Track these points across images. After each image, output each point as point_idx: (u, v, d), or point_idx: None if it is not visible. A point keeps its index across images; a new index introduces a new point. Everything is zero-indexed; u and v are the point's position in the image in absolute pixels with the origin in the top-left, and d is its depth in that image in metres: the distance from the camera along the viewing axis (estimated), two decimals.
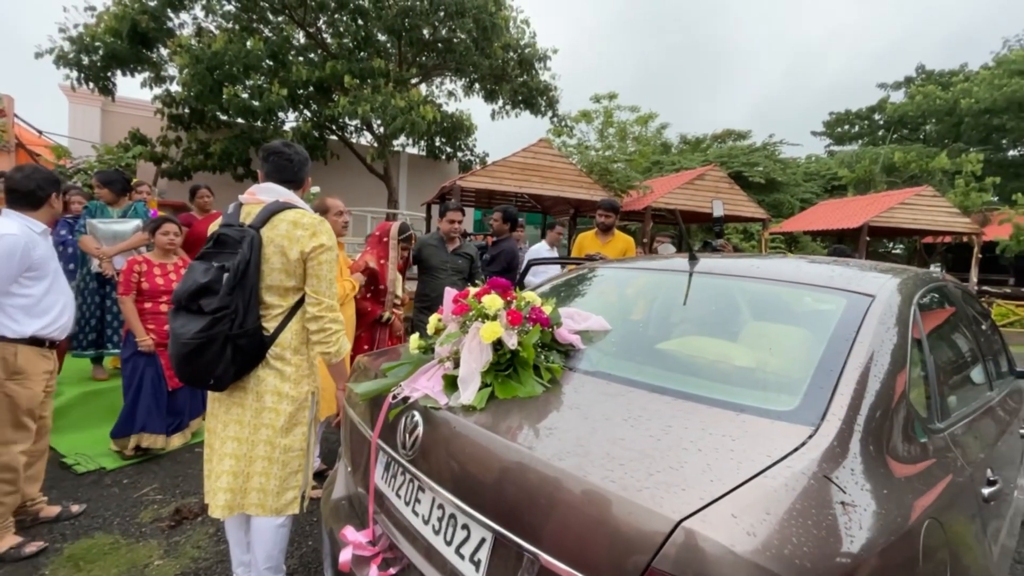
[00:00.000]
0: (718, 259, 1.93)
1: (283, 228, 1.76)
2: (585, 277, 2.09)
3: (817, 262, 1.94)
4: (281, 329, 1.80)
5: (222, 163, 11.51)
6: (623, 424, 1.07)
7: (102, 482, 2.99)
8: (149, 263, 3.27)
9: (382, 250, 3.36)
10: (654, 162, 20.09)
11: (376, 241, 3.40)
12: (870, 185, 17.73)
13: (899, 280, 1.59)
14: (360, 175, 13.51)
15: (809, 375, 1.19)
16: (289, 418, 1.80)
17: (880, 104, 25.51)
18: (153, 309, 3.24)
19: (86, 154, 9.86)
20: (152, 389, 3.22)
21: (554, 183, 10.34)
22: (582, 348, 1.46)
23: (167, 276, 3.30)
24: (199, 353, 1.65)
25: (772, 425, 1.05)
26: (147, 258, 3.30)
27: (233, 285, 1.68)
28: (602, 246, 4.24)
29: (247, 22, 11.27)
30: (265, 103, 10.07)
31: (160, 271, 3.29)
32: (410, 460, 1.21)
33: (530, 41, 12.74)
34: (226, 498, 1.82)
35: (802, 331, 1.44)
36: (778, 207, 18.22)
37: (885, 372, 1.22)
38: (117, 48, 9.94)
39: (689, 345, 1.50)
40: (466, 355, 1.29)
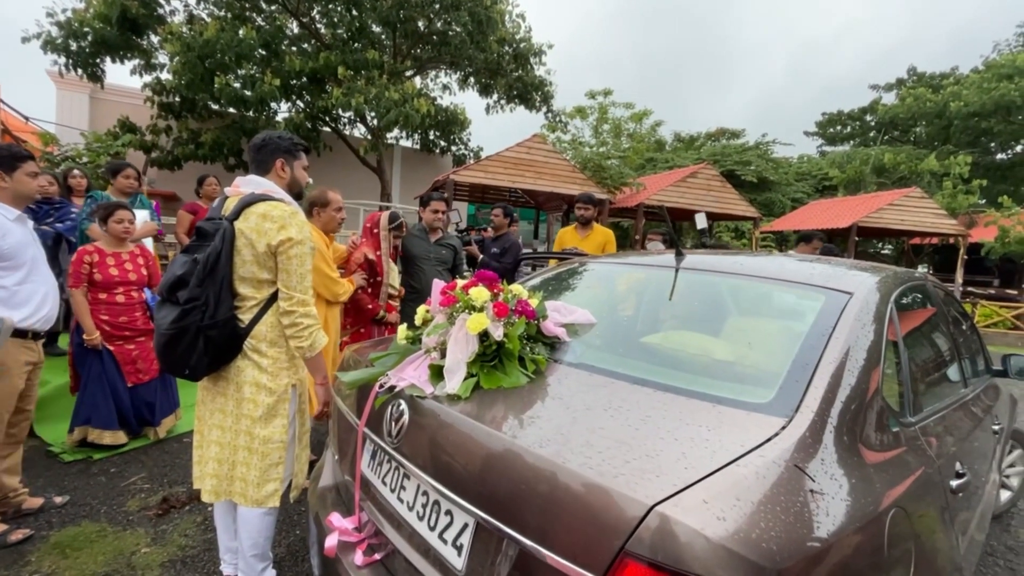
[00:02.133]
0: (703, 256, 1.96)
1: (253, 220, 1.76)
2: (574, 272, 2.12)
3: (800, 260, 1.98)
4: (256, 321, 1.81)
5: (213, 153, 11.40)
6: (603, 414, 1.10)
7: (89, 471, 2.99)
8: (101, 253, 3.11)
9: (374, 241, 3.36)
10: (648, 159, 20.17)
11: (367, 232, 3.40)
12: (860, 186, 17.92)
13: (878, 278, 1.63)
14: (353, 167, 13.44)
15: (785, 369, 1.22)
16: (268, 409, 1.81)
17: (872, 105, 25.74)
18: (108, 300, 3.12)
19: (74, 141, 9.73)
20: (98, 382, 3.13)
21: (548, 179, 10.36)
22: (567, 341, 1.49)
23: (121, 266, 3.16)
24: (174, 343, 1.70)
25: (747, 416, 1.08)
26: (98, 247, 3.12)
27: (203, 277, 1.70)
28: (581, 240, 4.29)
29: (240, 10, 11.13)
30: (257, 93, 9.98)
31: (114, 260, 3.14)
32: (395, 448, 1.23)
33: (525, 36, 12.71)
34: (213, 483, 1.85)
35: (781, 326, 1.48)
36: (769, 206, 18.36)
37: (859, 367, 1.26)
38: (106, 34, 9.80)
39: (672, 339, 1.53)
40: (452, 346, 1.31)
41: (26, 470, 2.67)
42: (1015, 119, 19.45)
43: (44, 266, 2.39)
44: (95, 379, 3.14)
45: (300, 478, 1.97)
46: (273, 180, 1.93)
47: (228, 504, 1.94)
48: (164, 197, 11.67)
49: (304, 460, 2.01)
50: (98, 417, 3.14)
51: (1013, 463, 3.19)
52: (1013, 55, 20.00)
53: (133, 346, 3.23)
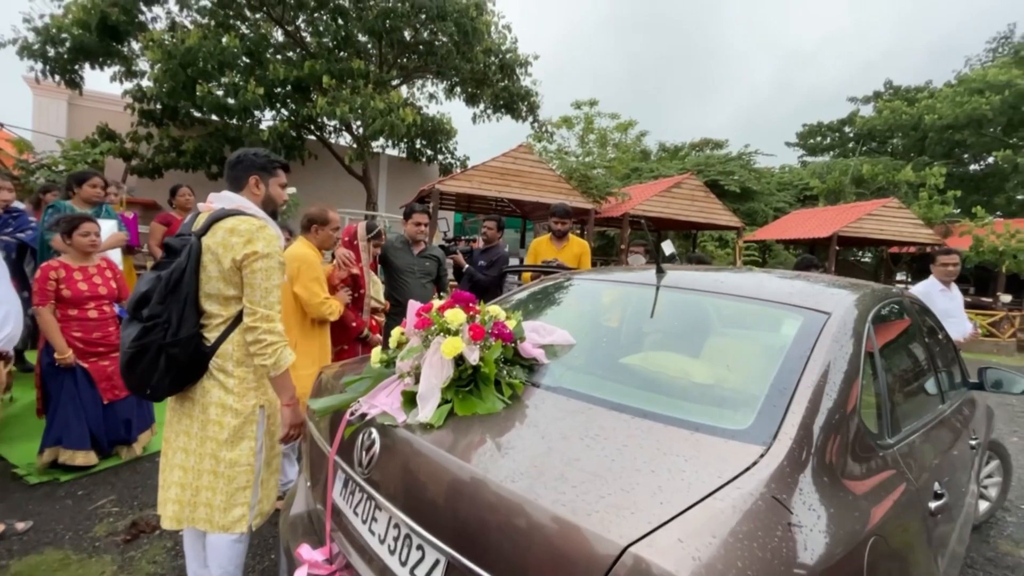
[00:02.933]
0: (684, 273, 1.95)
1: (220, 235, 1.72)
2: (554, 288, 2.10)
3: (780, 277, 1.98)
4: (222, 340, 1.76)
5: (195, 161, 11.24)
6: (579, 444, 1.07)
7: (55, 494, 2.87)
8: (67, 268, 2.99)
9: (354, 253, 3.25)
10: (633, 169, 20.37)
11: (347, 245, 3.26)
12: (840, 196, 18.29)
13: (855, 297, 1.64)
14: (338, 176, 13.36)
15: (763, 393, 1.21)
16: (233, 432, 1.75)
17: (850, 117, 26.36)
18: (80, 316, 3.01)
19: (50, 149, 9.52)
20: (71, 403, 3.01)
21: (533, 188, 10.39)
22: (545, 363, 1.46)
23: (90, 280, 3.05)
24: (135, 362, 1.66)
25: (725, 444, 1.06)
26: (64, 262, 2.99)
27: (164, 294, 1.66)
28: (557, 252, 4.25)
29: (223, 18, 11.04)
30: (241, 101, 9.88)
31: (82, 275, 3.02)
32: (366, 478, 1.19)
33: (511, 47, 12.79)
34: (174, 509, 1.78)
35: (760, 348, 1.47)
36: (752, 215, 18.64)
37: (837, 390, 1.25)
38: (85, 40, 9.64)
39: (651, 360, 1.51)
40: (427, 370, 1.27)
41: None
42: (987, 132, 20.05)
43: (4, 283, 2.30)
44: (67, 398, 3.02)
45: (266, 504, 1.90)
46: (247, 197, 1.89)
47: (196, 531, 1.87)
48: (144, 206, 11.46)
49: (273, 485, 1.94)
50: (69, 437, 3.02)
51: (991, 473, 3.23)
52: (984, 70, 20.67)
53: (108, 362, 3.12)
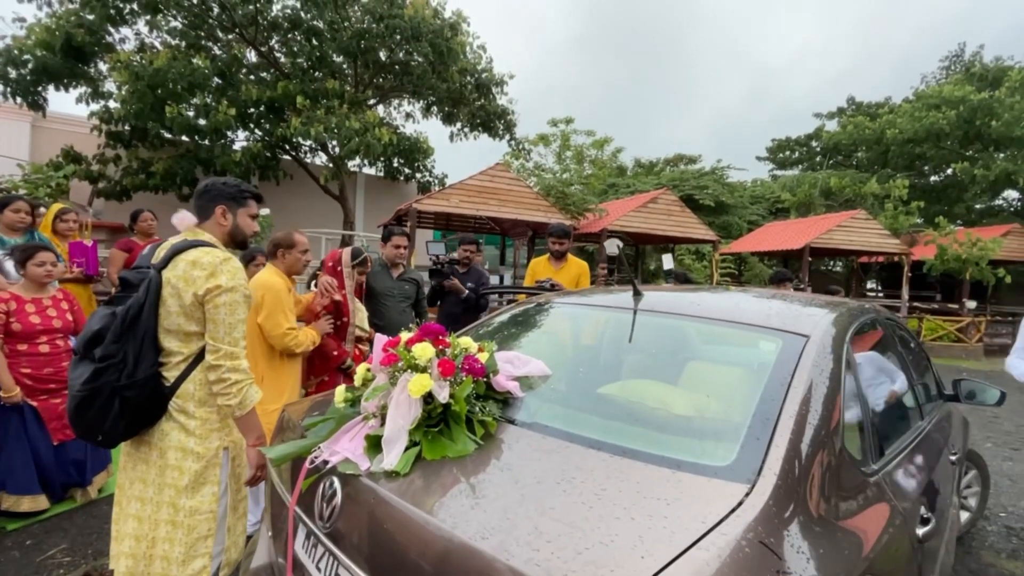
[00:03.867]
0: (661, 295, 1.92)
1: (181, 268, 1.63)
2: (527, 314, 2.04)
3: (758, 297, 1.97)
4: (183, 379, 1.65)
5: (165, 183, 10.96)
6: (555, 488, 1.00)
7: (2, 544, 2.66)
8: (19, 300, 2.83)
9: (337, 280, 3.07)
10: (610, 185, 20.66)
11: (331, 272, 3.11)
12: (810, 208, 18.80)
13: (832, 316, 1.62)
14: (315, 196, 13.18)
15: (745, 425, 1.16)
16: (195, 477, 1.64)
17: (817, 132, 27.27)
18: (30, 350, 2.83)
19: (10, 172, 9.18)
20: (16, 443, 2.81)
21: (511, 206, 10.40)
22: (520, 396, 1.40)
23: (43, 312, 2.88)
24: (85, 406, 1.54)
25: (708, 484, 1.01)
26: (16, 294, 2.84)
27: (120, 332, 1.55)
28: (555, 272, 4.21)
29: (194, 39, 10.90)
30: (212, 122, 9.71)
31: (34, 307, 2.86)
32: (327, 533, 1.10)
33: (487, 66, 12.91)
34: (127, 564, 1.64)
35: (740, 376, 1.43)
36: (727, 228, 19.00)
37: (820, 417, 1.21)
38: (49, 62, 9.39)
39: (629, 390, 1.46)
40: (393, 411, 1.20)
41: None
42: (945, 145, 20.93)
43: None
44: (13, 439, 2.82)
45: (233, 552, 1.78)
46: (212, 227, 1.81)
47: None
48: (112, 229, 11.10)
49: (240, 531, 1.82)
50: (15, 482, 2.81)
51: (970, 483, 3.25)
52: (939, 87, 21.66)
53: (59, 399, 2.93)
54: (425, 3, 11.03)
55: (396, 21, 10.41)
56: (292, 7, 10.93)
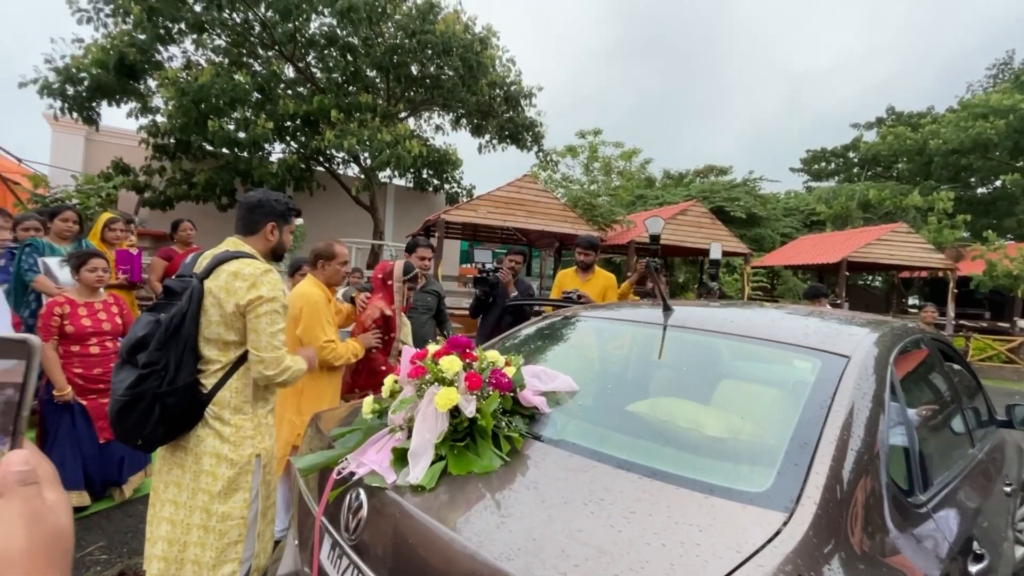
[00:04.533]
0: (692, 310, 1.88)
1: (223, 279, 1.69)
2: (554, 327, 2.02)
3: (793, 314, 1.90)
4: (220, 386, 1.70)
5: (206, 193, 11.41)
6: (583, 510, 0.98)
7: None
8: (72, 303, 2.98)
9: (387, 294, 3.01)
10: (638, 196, 20.47)
11: (380, 284, 3.07)
12: (847, 221, 18.19)
13: (875, 337, 1.55)
14: (346, 206, 13.49)
15: (782, 449, 1.12)
16: (228, 483, 1.67)
17: (854, 143, 26.47)
18: (82, 351, 2.98)
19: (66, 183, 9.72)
20: (67, 441, 2.94)
21: (539, 217, 10.41)
22: (547, 412, 1.38)
23: (94, 316, 3.02)
24: (127, 410, 1.59)
25: (743, 511, 0.97)
26: (70, 298, 2.99)
27: (164, 340, 1.61)
28: (582, 284, 4.17)
29: (236, 56, 11.39)
30: (251, 135, 10.09)
31: (86, 311, 3.00)
32: (353, 545, 1.10)
33: (516, 79, 13.05)
34: (160, 567, 1.68)
35: (776, 397, 1.38)
36: (759, 241, 18.54)
37: (862, 443, 1.16)
38: (103, 79, 9.95)
39: (660, 408, 1.42)
40: (419, 424, 1.19)
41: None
42: (993, 156, 20.01)
43: (4, 322, 2.28)
44: (63, 436, 2.96)
45: (263, 558, 1.80)
46: (257, 241, 1.87)
47: None
48: (155, 237, 11.61)
49: (268, 537, 1.85)
50: (63, 478, 2.88)
51: None
52: (986, 95, 20.77)
53: (108, 399, 3.04)
54: (456, 18, 11.26)
55: (428, 36, 10.65)
56: (329, 24, 11.31)
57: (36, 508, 0.36)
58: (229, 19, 10.89)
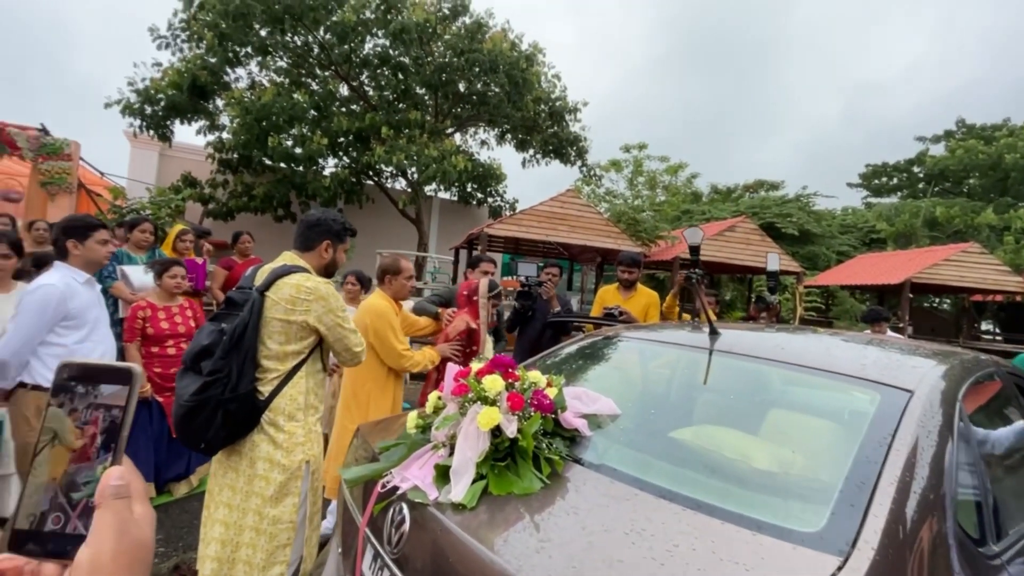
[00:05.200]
0: (741, 334, 1.82)
1: (285, 291, 1.79)
2: (596, 347, 2.01)
3: (850, 342, 1.81)
4: (276, 394, 1.79)
5: (264, 205, 12.06)
6: (623, 540, 0.96)
7: None
8: (153, 307, 3.26)
9: (472, 309, 3.03)
10: (684, 211, 20.03)
11: (465, 301, 3.08)
12: (911, 240, 17.13)
13: (942, 370, 1.46)
14: (393, 218, 13.90)
15: (837, 488, 1.06)
16: (279, 488, 1.75)
17: (919, 157, 24.96)
18: (160, 352, 3.24)
19: (139, 195, 10.53)
20: (142, 435, 3.17)
21: (581, 232, 10.37)
22: (588, 435, 1.37)
23: (172, 319, 3.30)
24: (192, 415, 1.67)
25: (793, 552, 0.93)
26: (151, 302, 3.27)
27: (228, 349, 1.70)
28: (624, 302, 4.11)
29: (296, 76, 12.07)
30: (306, 151, 10.64)
31: (165, 315, 3.29)
32: (394, 558, 1.12)
33: (561, 94, 13.17)
34: (213, 567, 1.76)
35: (830, 432, 1.32)
36: (813, 259, 17.70)
37: (927, 485, 1.09)
38: (177, 99, 10.77)
39: (705, 436, 1.38)
40: (462, 442, 1.22)
41: None
42: None
43: (105, 327, 2.49)
44: (140, 431, 3.19)
45: (309, 563, 1.87)
46: (313, 258, 1.97)
47: None
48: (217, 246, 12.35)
49: (314, 543, 1.91)
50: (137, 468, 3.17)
51: None
52: None
53: None
54: (503, 37, 11.52)
55: (475, 55, 10.94)
56: (382, 45, 11.82)
57: (125, 520, 0.40)
58: (291, 42, 11.57)
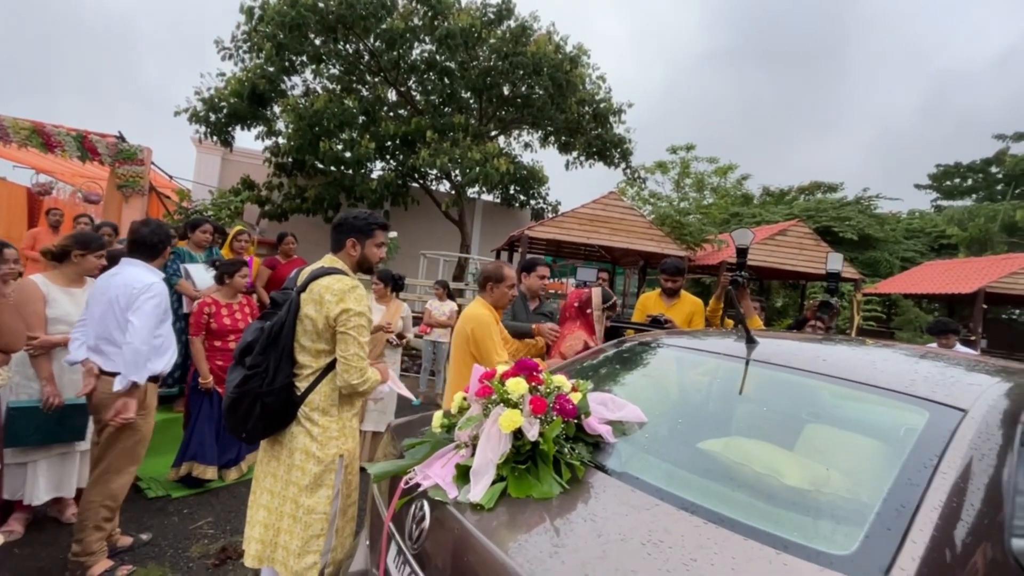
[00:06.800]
0: (780, 343, 1.75)
1: (316, 292, 1.87)
2: (629, 352, 1.98)
3: (902, 354, 1.70)
4: (311, 389, 1.87)
5: (315, 207, 12.61)
6: (639, 550, 0.95)
7: (166, 509, 3.18)
8: (217, 304, 3.51)
9: (585, 323, 2.82)
10: (733, 214, 19.34)
11: (577, 313, 2.88)
12: (986, 246, 15.82)
13: (1005, 388, 1.35)
14: (437, 220, 14.19)
15: (874, 510, 1.01)
16: (314, 479, 1.83)
17: (998, 156, 23.03)
18: (223, 347, 3.49)
19: (203, 197, 11.25)
20: (207, 422, 3.42)
21: (623, 235, 10.21)
22: (612, 441, 1.36)
23: (233, 316, 3.55)
24: (235, 406, 1.79)
25: (820, 574, 0.89)
26: (216, 300, 3.52)
27: (266, 345, 1.80)
28: (667, 309, 3.99)
29: (347, 83, 12.54)
30: (355, 155, 11.04)
31: (227, 311, 3.54)
32: (415, 554, 1.15)
33: (605, 96, 13.03)
34: (257, 548, 1.87)
35: (870, 451, 1.24)
36: (874, 266, 16.68)
37: (977, 513, 1.01)
38: (238, 107, 11.43)
39: (734, 448, 1.34)
40: (483, 443, 1.23)
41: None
42: None
43: (168, 322, 2.70)
44: (204, 418, 3.45)
45: (339, 553, 1.94)
46: (344, 257, 2.05)
47: (272, 570, 1.95)
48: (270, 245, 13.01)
49: (347, 534, 1.98)
50: (203, 454, 3.42)
51: None
52: None
53: None
54: (547, 39, 11.52)
55: (520, 58, 11.01)
56: (429, 51, 12.09)
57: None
58: (343, 50, 12.04)
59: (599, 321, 2.78)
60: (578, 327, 2.77)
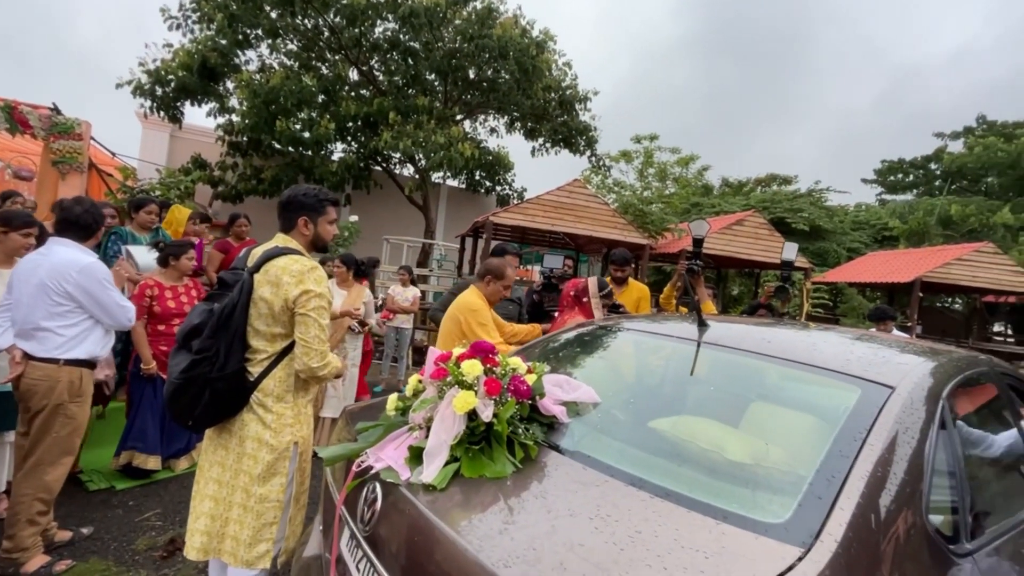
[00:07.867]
0: (728, 327, 1.81)
1: (272, 273, 1.78)
2: (588, 337, 2.01)
3: (840, 337, 1.80)
4: (265, 375, 1.80)
5: (272, 189, 12.09)
6: (587, 524, 0.97)
7: (110, 502, 3.04)
8: (160, 286, 3.32)
9: (583, 310, 2.91)
10: (693, 204, 19.83)
11: (573, 301, 2.96)
12: (924, 238, 16.86)
13: (929, 367, 1.44)
14: (400, 204, 13.91)
15: (807, 480, 1.06)
16: (267, 467, 1.77)
17: (937, 154, 24.45)
18: (167, 331, 3.31)
19: (150, 176, 10.61)
20: (149, 410, 3.26)
21: (587, 222, 10.30)
22: (566, 422, 1.38)
23: (178, 299, 3.38)
24: (180, 392, 1.69)
25: (755, 541, 0.93)
26: (158, 282, 3.34)
27: (216, 328, 1.71)
28: (617, 296, 4.13)
29: (306, 60, 12.02)
30: (314, 135, 10.63)
31: (171, 294, 3.37)
32: (366, 537, 1.14)
33: (571, 83, 13.02)
34: (202, 540, 1.80)
35: (807, 426, 1.31)
36: (823, 256, 17.50)
37: (900, 482, 1.08)
38: (187, 81, 10.78)
39: (682, 427, 1.39)
40: (438, 424, 1.23)
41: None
42: None
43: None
44: (146, 406, 3.28)
45: (292, 541, 1.90)
46: (297, 236, 1.96)
47: (219, 562, 1.89)
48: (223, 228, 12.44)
49: (299, 522, 1.94)
50: (145, 442, 3.26)
51: None
52: None
53: None
54: (514, 23, 11.37)
55: (485, 41, 10.82)
56: (392, 29, 11.73)
57: None
58: (301, 24, 11.50)
59: (597, 308, 2.89)
60: (575, 313, 2.88)
